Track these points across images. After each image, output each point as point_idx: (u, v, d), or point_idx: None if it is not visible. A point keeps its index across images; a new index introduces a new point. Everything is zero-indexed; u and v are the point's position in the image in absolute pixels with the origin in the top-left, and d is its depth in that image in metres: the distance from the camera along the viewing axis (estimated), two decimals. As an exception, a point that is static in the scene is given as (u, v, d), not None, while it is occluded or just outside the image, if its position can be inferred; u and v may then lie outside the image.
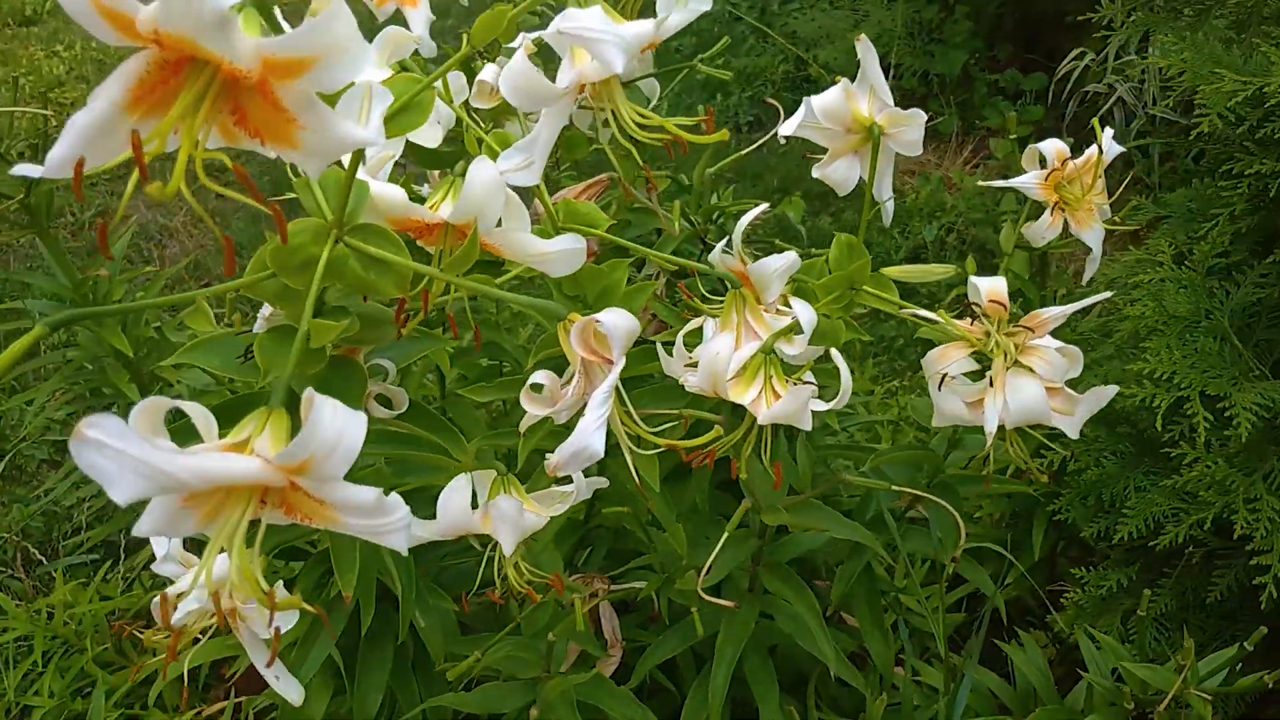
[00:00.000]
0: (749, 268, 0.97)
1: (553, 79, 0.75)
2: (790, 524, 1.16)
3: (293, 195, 0.86)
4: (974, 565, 1.62)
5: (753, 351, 0.94)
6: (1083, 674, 1.43)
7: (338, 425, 0.54)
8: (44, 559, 2.15)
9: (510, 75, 0.71)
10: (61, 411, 1.88)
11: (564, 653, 1.31)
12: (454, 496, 0.95)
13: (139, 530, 0.58)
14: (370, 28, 0.84)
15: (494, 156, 0.94)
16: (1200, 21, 1.75)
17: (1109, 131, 1.13)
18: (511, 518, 0.94)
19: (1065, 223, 1.17)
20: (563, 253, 0.82)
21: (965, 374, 1.02)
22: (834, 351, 0.95)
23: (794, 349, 0.96)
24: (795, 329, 0.95)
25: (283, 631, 0.96)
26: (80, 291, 1.78)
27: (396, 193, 0.78)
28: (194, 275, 3.63)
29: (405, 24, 1.28)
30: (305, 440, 0.53)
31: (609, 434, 0.73)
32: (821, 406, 0.91)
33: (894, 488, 1.22)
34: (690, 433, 1.13)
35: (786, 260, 0.99)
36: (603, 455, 0.69)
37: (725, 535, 1.10)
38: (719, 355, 0.91)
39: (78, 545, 2.05)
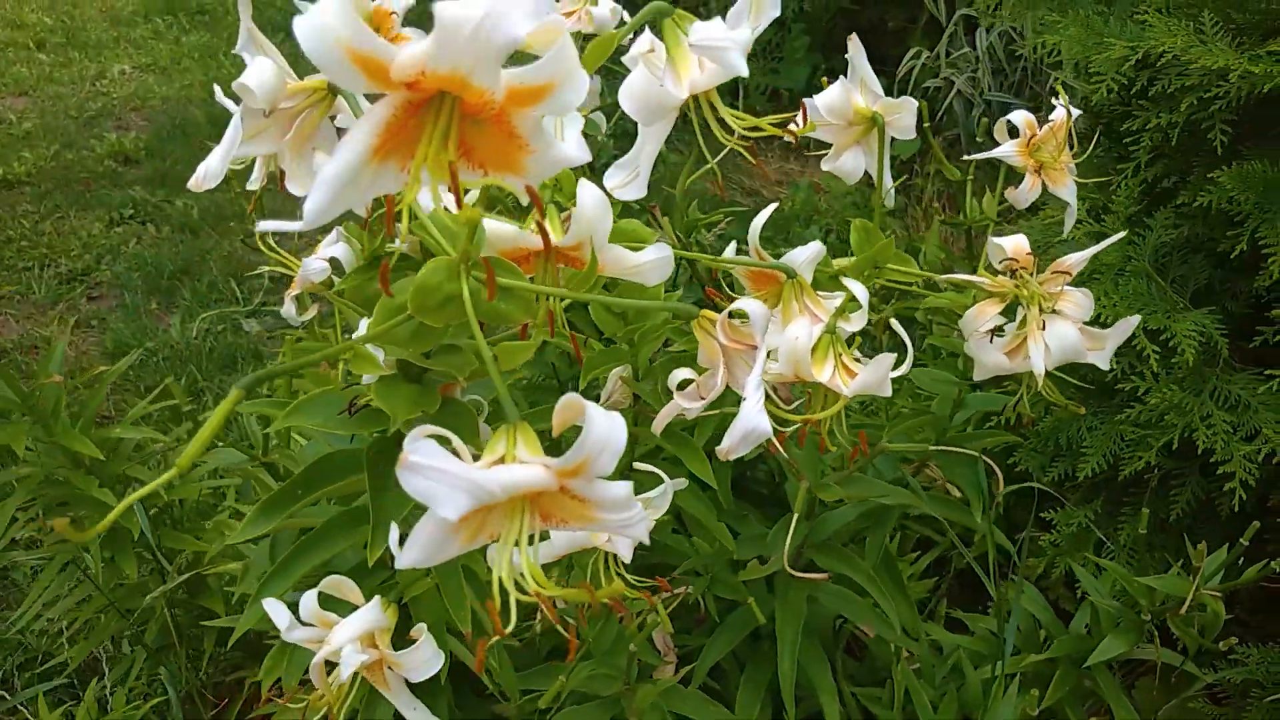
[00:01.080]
0: (785, 258, 1.04)
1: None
2: (845, 496, 1.23)
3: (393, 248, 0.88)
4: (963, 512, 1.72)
5: (821, 331, 1.00)
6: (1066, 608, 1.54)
7: (606, 427, 0.57)
8: (5, 694, 2.02)
9: (631, 89, 0.76)
10: (25, 532, 1.78)
11: (635, 666, 1.34)
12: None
13: (403, 562, 0.60)
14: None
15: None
16: (1071, 1, 1.93)
17: (1058, 101, 1.25)
18: (627, 520, 0.97)
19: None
20: (654, 262, 0.87)
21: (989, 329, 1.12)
22: (893, 322, 1.02)
23: (853, 326, 1.03)
24: (853, 307, 1.03)
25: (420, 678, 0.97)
26: (29, 403, 1.71)
27: (507, 225, 0.82)
28: (143, 368, 3.47)
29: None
30: (583, 443, 0.57)
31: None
32: (897, 371, 0.99)
33: (931, 448, 1.30)
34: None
35: (813, 250, 1.06)
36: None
37: (794, 518, 1.16)
38: (799, 340, 0.97)
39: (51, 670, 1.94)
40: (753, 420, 0.74)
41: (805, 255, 1.06)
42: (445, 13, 0.50)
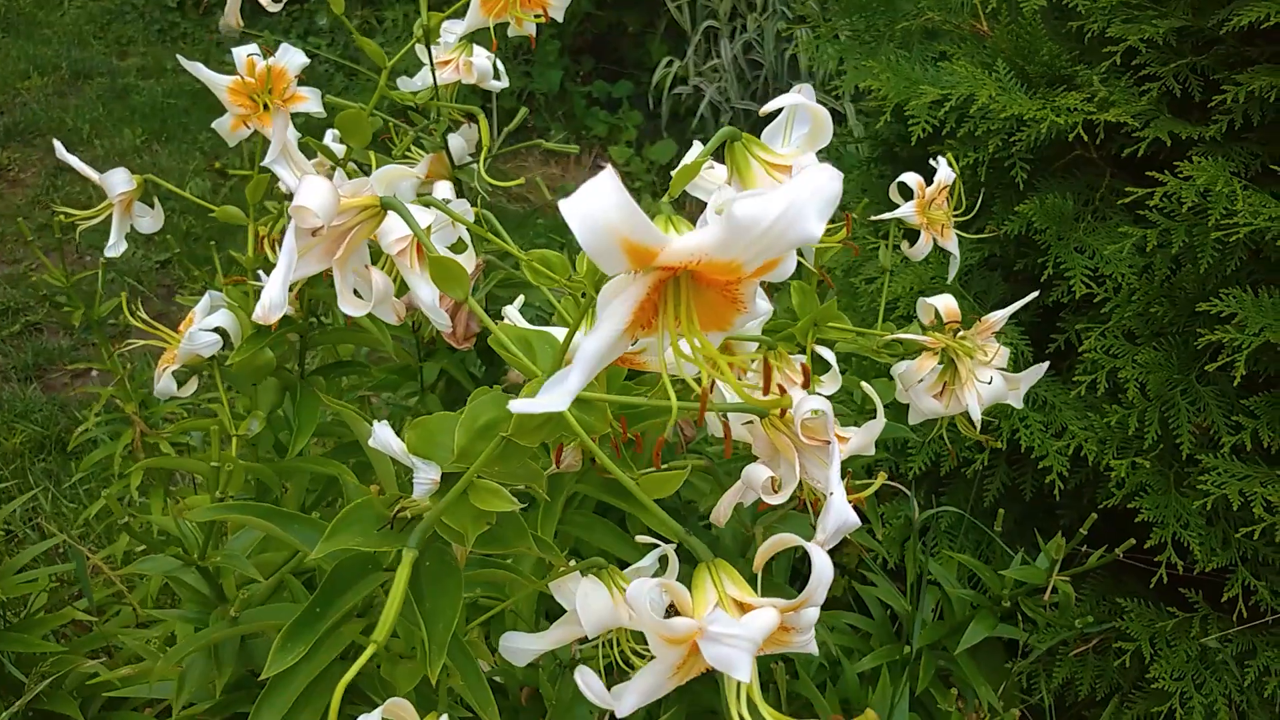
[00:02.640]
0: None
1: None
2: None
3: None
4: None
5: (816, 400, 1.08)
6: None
7: (827, 565, 0.63)
8: None
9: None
10: None
11: None
12: (595, 594, 1.01)
13: (625, 710, 0.63)
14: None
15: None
16: (878, 45, 2.13)
17: (942, 161, 1.41)
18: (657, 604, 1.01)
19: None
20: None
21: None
22: (866, 386, 1.12)
23: (828, 389, 1.12)
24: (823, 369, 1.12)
25: None
26: None
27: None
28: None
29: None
30: (814, 585, 0.62)
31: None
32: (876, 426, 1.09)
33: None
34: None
35: (763, 310, 1.15)
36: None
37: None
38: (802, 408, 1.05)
39: None
40: (844, 513, 0.81)
41: (755, 320, 1.14)
42: (741, 210, 0.53)
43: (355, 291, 0.87)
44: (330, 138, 1.56)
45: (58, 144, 1.41)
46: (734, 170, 0.83)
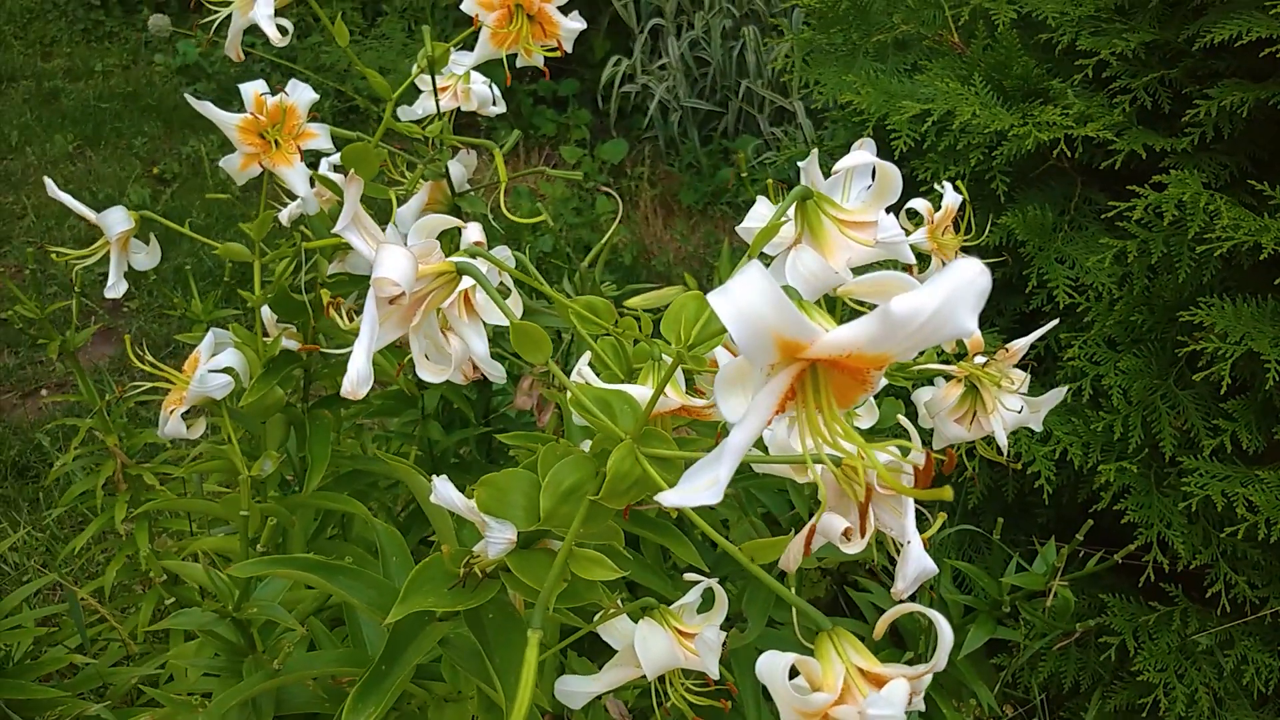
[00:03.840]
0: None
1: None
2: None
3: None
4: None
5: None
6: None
7: (951, 635, 0.65)
8: None
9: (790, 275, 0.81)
10: None
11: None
12: (654, 636, 1.02)
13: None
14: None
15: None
16: (854, 57, 2.15)
17: (948, 186, 1.44)
18: (715, 645, 1.02)
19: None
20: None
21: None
22: (903, 420, 1.14)
23: (865, 423, 1.15)
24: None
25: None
26: None
27: (674, 397, 0.84)
28: None
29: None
30: (940, 652, 0.63)
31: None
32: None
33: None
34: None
35: None
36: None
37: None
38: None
39: None
40: (922, 561, 0.83)
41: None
42: (899, 307, 0.54)
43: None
44: (326, 166, 1.53)
45: (49, 182, 1.36)
46: (805, 228, 0.84)
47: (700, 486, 0.59)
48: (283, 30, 1.28)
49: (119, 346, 3.58)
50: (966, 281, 0.54)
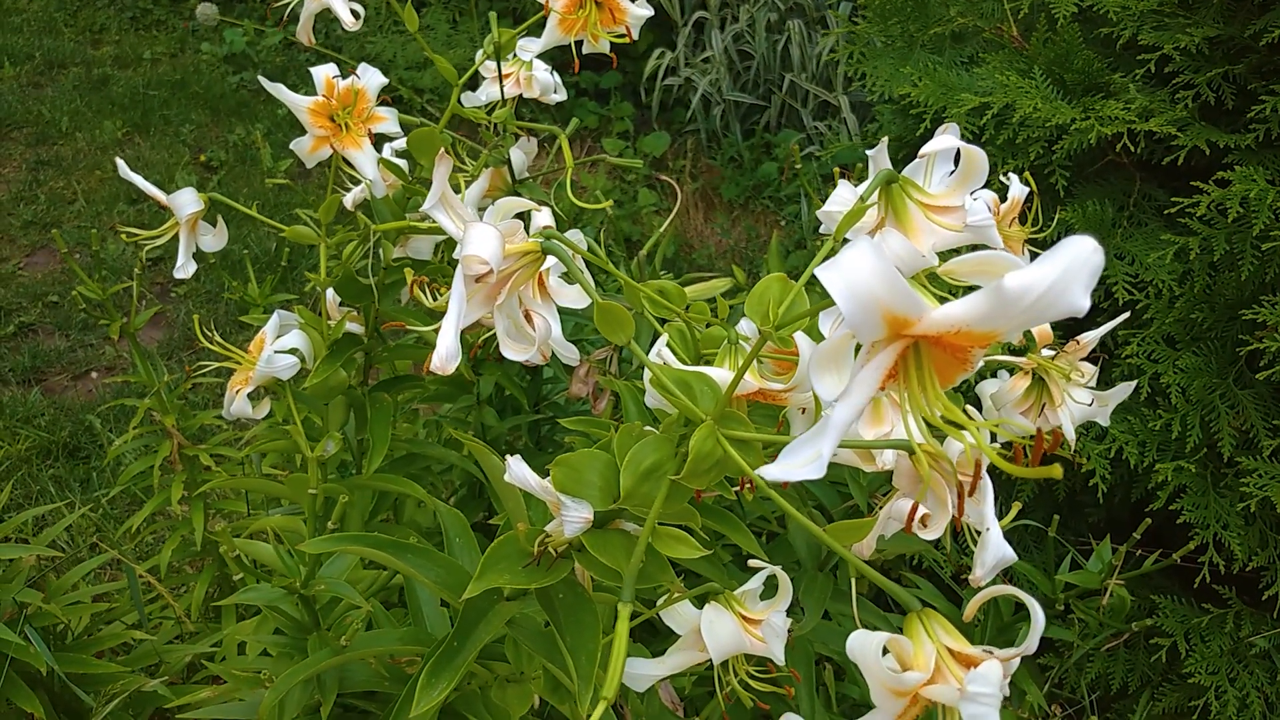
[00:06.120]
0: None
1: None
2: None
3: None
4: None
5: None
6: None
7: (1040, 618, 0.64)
8: None
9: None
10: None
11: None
12: (720, 621, 1.02)
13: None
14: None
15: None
16: (910, 50, 2.14)
17: (1014, 178, 1.42)
18: (781, 631, 1.02)
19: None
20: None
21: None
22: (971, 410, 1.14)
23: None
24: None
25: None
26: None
27: (752, 380, 0.84)
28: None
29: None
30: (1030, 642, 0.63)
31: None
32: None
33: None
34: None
35: None
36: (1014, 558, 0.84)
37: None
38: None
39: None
40: (1002, 549, 0.83)
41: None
42: (1012, 283, 0.53)
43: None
44: (388, 152, 1.55)
45: (120, 163, 1.38)
46: (889, 212, 0.84)
47: (802, 461, 0.59)
48: (355, 14, 1.29)
49: (166, 330, 3.63)
50: (1081, 258, 0.54)
